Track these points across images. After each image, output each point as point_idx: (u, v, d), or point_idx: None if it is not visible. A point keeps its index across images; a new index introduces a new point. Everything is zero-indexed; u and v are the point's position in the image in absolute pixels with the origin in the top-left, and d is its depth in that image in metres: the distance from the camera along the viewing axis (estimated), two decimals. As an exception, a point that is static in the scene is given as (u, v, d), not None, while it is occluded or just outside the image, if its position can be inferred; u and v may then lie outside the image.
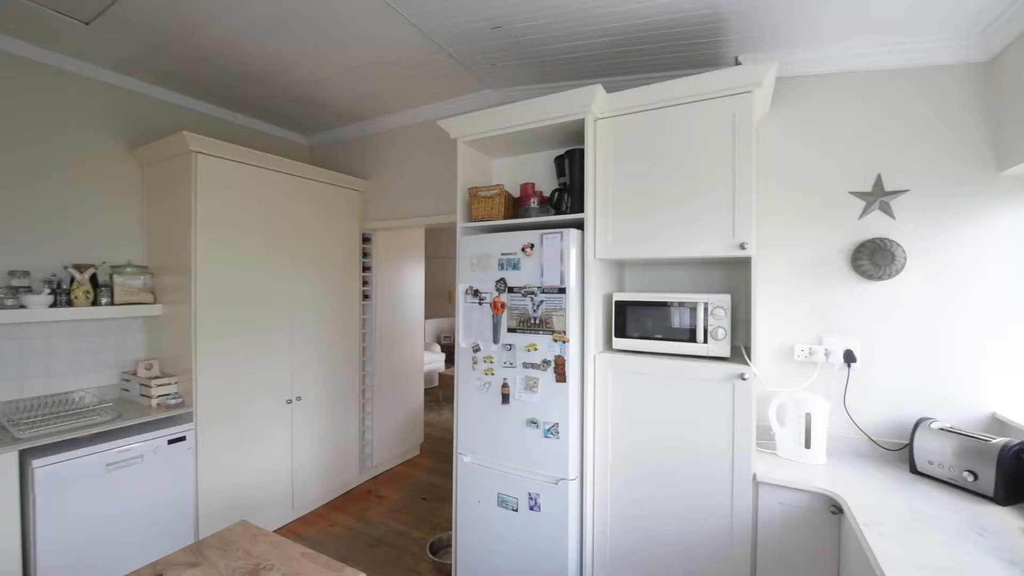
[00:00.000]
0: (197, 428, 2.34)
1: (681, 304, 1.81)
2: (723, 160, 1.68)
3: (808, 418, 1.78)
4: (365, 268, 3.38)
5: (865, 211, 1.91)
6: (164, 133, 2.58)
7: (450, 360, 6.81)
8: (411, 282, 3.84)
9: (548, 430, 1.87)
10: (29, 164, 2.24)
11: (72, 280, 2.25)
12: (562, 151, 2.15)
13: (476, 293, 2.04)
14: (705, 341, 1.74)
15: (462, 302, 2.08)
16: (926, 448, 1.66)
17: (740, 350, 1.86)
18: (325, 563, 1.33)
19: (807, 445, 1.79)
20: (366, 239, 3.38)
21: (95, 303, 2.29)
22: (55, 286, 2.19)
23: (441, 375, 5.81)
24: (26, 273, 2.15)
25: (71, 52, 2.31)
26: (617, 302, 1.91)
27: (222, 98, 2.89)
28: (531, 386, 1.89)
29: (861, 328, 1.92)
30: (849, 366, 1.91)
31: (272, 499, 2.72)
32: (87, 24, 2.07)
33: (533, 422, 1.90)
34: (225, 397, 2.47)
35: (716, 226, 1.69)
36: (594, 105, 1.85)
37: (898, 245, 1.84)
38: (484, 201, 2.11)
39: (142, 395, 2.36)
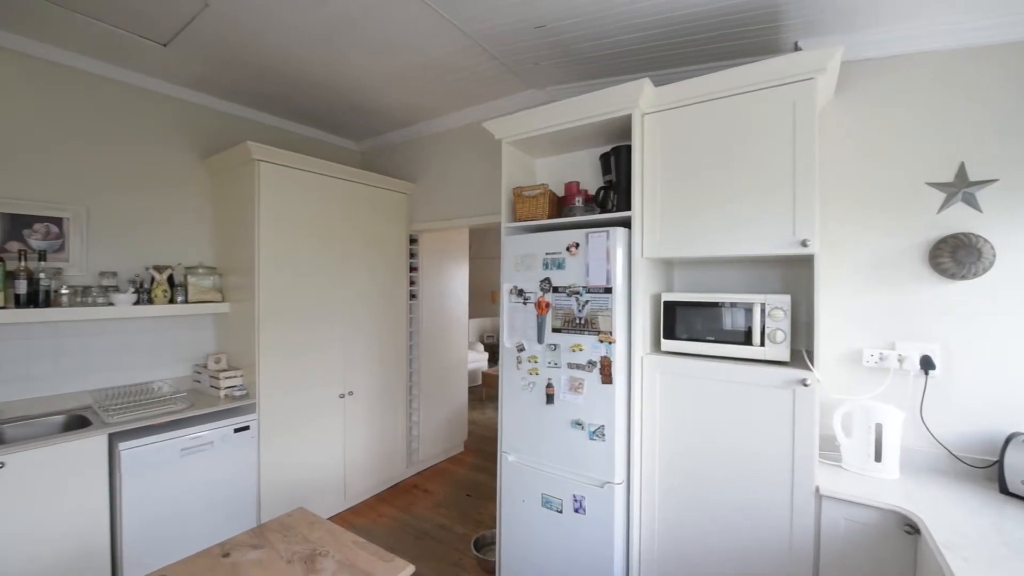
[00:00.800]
0: (259, 418, 2.49)
1: (734, 305, 1.73)
2: (782, 152, 1.59)
3: (878, 429, 1.65)
4: (412, 268, 3.47)
5: (945, 203, 1.74)
6: (230, 144, 2.78)
7: (493, 359, 6.87)
8: (455, 282, 3.91)
9: (593, 432, 1.84)
10: (117, 175, 2.48)
11: (152, 280, 2.46)
12: (608, 148, 2.12)
13: (520, 293, 2.04)
14: (762, 344, 1.65)
15: (506, 302, 2.09)
16: (1020, 466, 1.49)
17: (801, 354, 1.75)
18: (376, 552, 1.38)
19: (877, 458, 1.65)
20: (413, 240, 3.48)
21: (172, 301, 2.50)
22: (138, 286, 2.41)
23: (484, 374, 5.88)
24: (114, 274, 2.39)
25: (151, 72, 2.53)
26: (666, 302, 1.86)
27: (281, 109, 3.07)
28: (576, 387, 1.87)
29: (941, 332, 1.75)
30: (927, 373, 1.75)
31: (326, 488, 2.85)
32: (164, 46, 2.26)
33: (578, 423, 1.88)
34: (284, 390, 2.62)
35: (774, 223, 1.60)
36: (641, 100, 1.80)
37: (985, 241, 1.67)
38: (528, 201, 2.11)
39: (211, 386, 2.55)
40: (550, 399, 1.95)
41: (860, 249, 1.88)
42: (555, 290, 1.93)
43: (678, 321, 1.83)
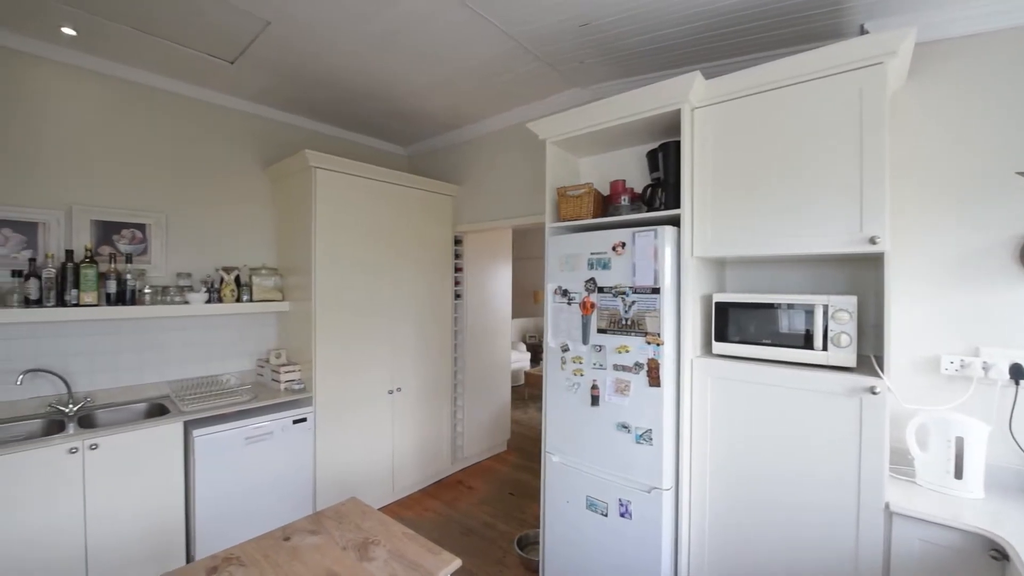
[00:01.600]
0: (316, 411, 2.63)
1: (792, 306, 1.63)
2: (848, 144, 1.49)
3: (959, 443, 1.51)
4: (457, 269, 3.55)
5: (1042, 195, 1.57)
6: (289, 152, 2.95)
7: (535, 359, 6.88)
8: (499, 282, 3.94)
9: (640, 436, 1.80)
10: (190, 184, 2.70)
11: (221, 280, 2.66)
12: (655, 145, 2.07)
13: (565, 293, 2.03)
14: (824, 348, 1.56)
15: (551, 302, 2.09)
16: None
17: (868, 360, 1.63)
18: (424, 545, 1.43)
19: (958, 475, 1.51)
20: (457, 241, 3.55)
21: (238, 300, 2.70)
22: (209, 286, 2.62)
23: (527, 374, 5.89)
24: (189, 275, 2.60)
25: (219, 88, 2.74)
26: (717, 303, 1.79)
27: (335, 118, 3.22)
28: (622, 389, 1.84)
29: (1036, 338, 1.57)
30: (1017, 384, 1.58)
31: (375, 480, 2.97)
32: (231, 63, 2.44)
33: (624, 426, 1.85)
34: (338, 385, 2.75)
35: (839, 219, 1.50)
36: (691, 94, 1.74)
37: (1093, 236, 1.48)
38: (572, 200, 2.09)
39: (272, 380, 2.72)
40: (595, 400, 1.93)
41: (937, 246, 1.73)
42: (600, 290, 1.91)
43: (731, 323, 1.76)
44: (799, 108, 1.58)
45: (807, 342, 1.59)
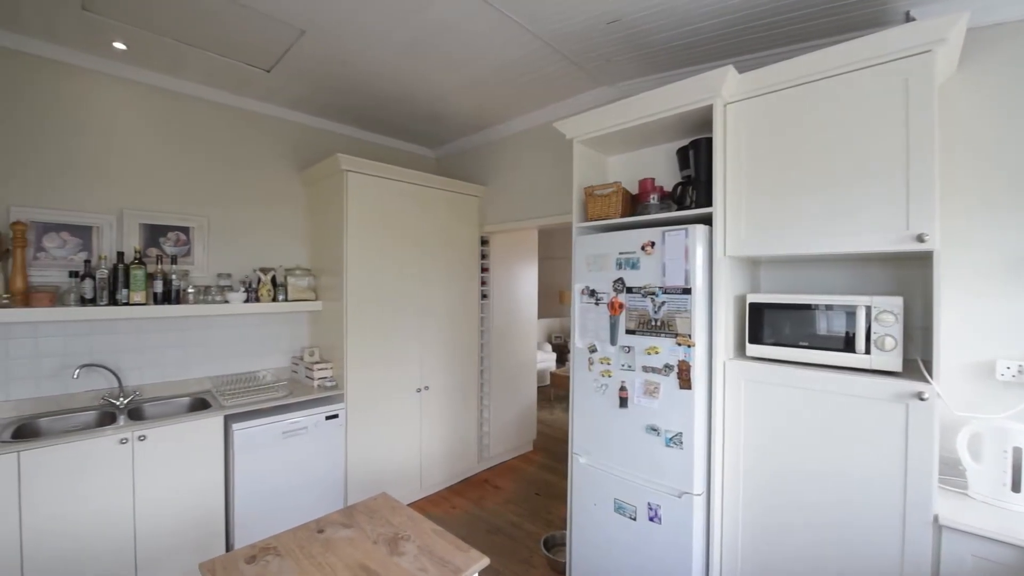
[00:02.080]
0: (347, 408, 2.70)
1: (831, 307, 1.57)
2: (893, 137, 1.42)
3: (1017, 454, 1.41)
4: (483, 269, 3.57)
5: (1114, 188, 1.45)
6: (322, 157, 3.04)
7: (561, 360, 6.84)
8: (525, 282, 3.95)
9: (670, 439, 1.77)
10: (230, 189, 2.82)
11: (259, 280, 2.77)
12: (686, 142, 2.02)
13: (592, 293, 2.02)
14: (867, 351, 1.49)
15: (578, 302, 2.08)
16: None
17: (915, 364, 1.55)
18: (452, 542, 1.44)
19: (1015, 488, 1.42)
20: (484, 241, 3.57)
21: (274, 299, 2.80)
22: (248, 285, 2.73)
23: (553, 374, 5.87)
24: (229, 275, 2.72)
25: (257, 96, 2.84)
26: (752, 304, 1.73)
27: (365, 122, 3.30)
28: (651, 391, 1.81)
29: (1106, 343, 1.46)
30: (1085, 391, 1.47)
31: (404, 477, 3.02)
32: (268, 72, 2.53)
33: (653, 429, 1.82)
34: (368, 382, 2.82)
35: (883, 216, 1.43)
36: (724, 88, 1.70)
37: None
38: (600, 200, 2.07)
39: (306, 377, 2.81)
40: (623, 402, 1.91)
41: (991, 244, 1.62)
42: (629, 291, 1.89)
43: (765, 325, 1.70)
44: (840, 101, 1.52)
45: (848, 345, 1.52)
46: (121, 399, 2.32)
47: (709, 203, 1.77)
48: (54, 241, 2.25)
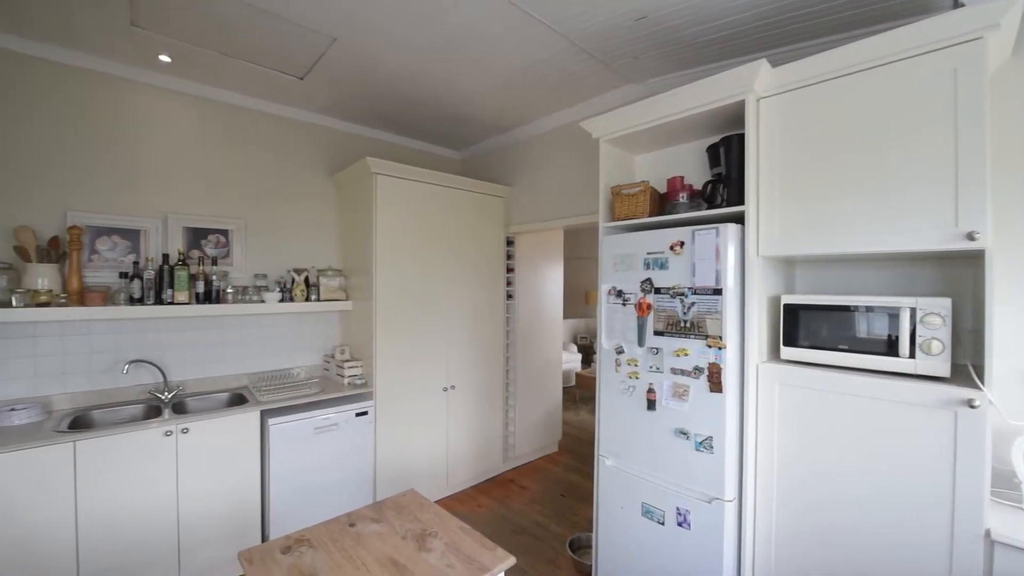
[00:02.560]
0: (376, 405, 2.76)
1: (872, 309, 1.50)
2: (940, 130, 1.35)
3: (1082, 467, 1.32)
4: (508, 269, 3.58)
5: None
6: (352, 160, 3.12)
7: (586, 360, 6.79)
8: (550, 282, 3.94)
9: (700, 443, 1.73)
10: (266, 192, 2.93)
11: (293, 281, 2.86)
12: (716, 139, 1.98)
13: (620, 294, 1.99)
14: (911, 355, 1.42)
15: (605, 303, 2.06)
16: None
17: (965, 369, 1.46)
18: (479, 540, 1.45)
19: (1080, 503, 1.32)
20: (509, 242, 3.59)
21: (307, 299, 2.89)
22: (282, 286, 2.83)
23: (578, 375, 5.84)
24: (265, 276, 2.82)
25: (291, 102, 2.94)
26: (787, 305, 1.68)
27: (393, 126, 3.37)
28: (680, 394, 1.78)
29: None
30: None
31: (430, 474, 3.07)
32: (301, 79, 2.61)
33: (682, 432, 1.78)
34: (396, 381, 2.87)
35: (929, 214, 1.36)
36: (757, 83, 1.65)
37: None
38: (627, 199, 2.05)
39: (337, 374, 2.89)
40: (651, 405, 1.88)
41: (1053, 242, 1.52)
42: (657, 291, 1.86)
43: (801, 327, 1.65)
44: (882, 93, 1.45)
45: (891, 348, 1.46)
46: (166, 393, 2.44)
47: (741, 201, 1.72)
48: (106, 244, 2.39)
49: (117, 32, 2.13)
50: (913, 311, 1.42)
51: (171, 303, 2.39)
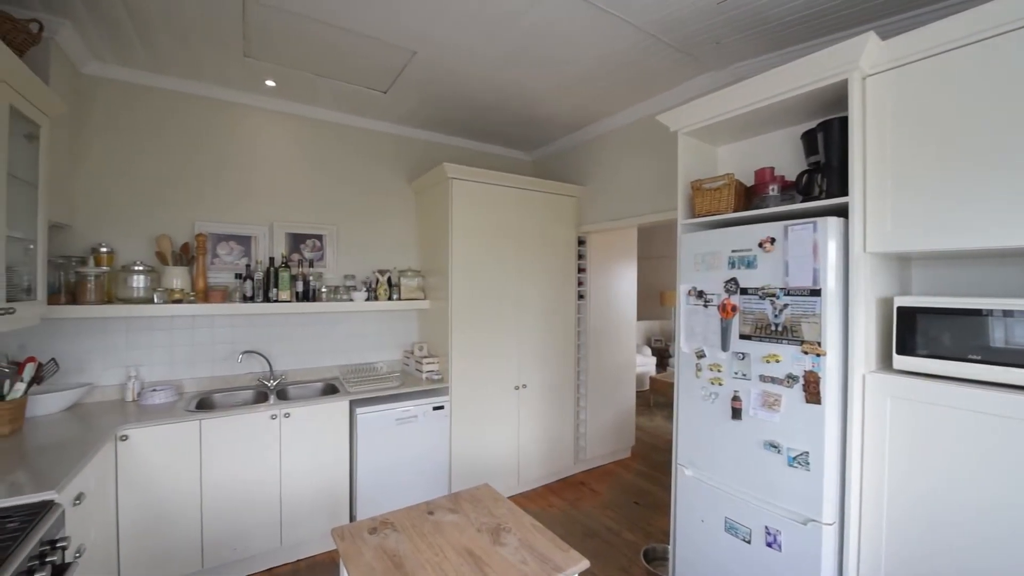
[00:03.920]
0: (451, 400, 2.87)
1: (1012, 313, 1.27)
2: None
3: None
4: (580, 269, 3.54)
5: None
6: (429, 166, 3.27)
7: (661, 364, 6.51)
8: (623, 282, 3.83)
9: (794, 458, 1.58)
10: (353, 199, 3.17)
11: (376, 281, 3.07)
12: (812, 124, 1.80)
13: (700, 295, 1.89)
14: (1070, 370, 1.18)
15: (684, 304, 1.96)
16: None
17: None
18: (552, 539, 1.46)
19: None
20: (581, 242, 3.54)
21: (389, 298, 3.08)
22: (368, 286, 3.04)
23: (652, 379, 5.61)
24: (353, 276, 3.06)
25: (374, 115, 3.16)
26: (901, 308, 1.48)
27: (467, 131, 3.48)
28: (771, 403, 1.64)
29: None
30: None
31: (502, 470, 3.12)
32: (384, 93, 2.79)
33: (773, 445, 1.64)
34: (470, 378, 2.96)
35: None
36: (863, 59, 1.47)
37: None
38: (709, 194, 1.93)
39: (416, 369, 3.04)
40: (736, 413, 1.76)
41: None
42: (743, 292, 1.73)
43: (919, 333, 1.44)
44: (1018, 61, 1.23)
45: (1042, 361, 1.23)
46: (271, 381, 2.73)
47: (844, 192, 1.55)
48: (224, 249, 2.74)
49: (232, 63, 2.43)
50: (1074, 317, 1.18)
51: (276, 301, 2.67)
